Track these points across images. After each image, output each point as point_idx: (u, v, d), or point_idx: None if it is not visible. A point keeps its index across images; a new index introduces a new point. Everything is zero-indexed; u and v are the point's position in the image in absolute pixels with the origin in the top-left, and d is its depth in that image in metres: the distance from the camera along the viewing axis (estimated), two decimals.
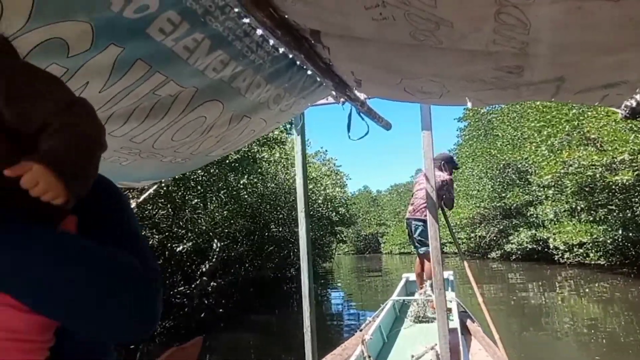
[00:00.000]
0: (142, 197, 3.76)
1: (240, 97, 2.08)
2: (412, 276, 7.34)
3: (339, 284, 20.98)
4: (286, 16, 1.73)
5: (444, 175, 6.38)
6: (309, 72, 2.36)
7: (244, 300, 12.99)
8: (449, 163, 6.64)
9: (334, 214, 23.07)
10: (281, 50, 2.01)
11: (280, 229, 16.85)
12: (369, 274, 25.76)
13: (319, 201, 21.05)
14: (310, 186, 17.79)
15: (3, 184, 0.63)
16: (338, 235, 26.67)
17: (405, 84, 2.37)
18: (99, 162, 0.76)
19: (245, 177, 12.67)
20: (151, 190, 3.61)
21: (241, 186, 13.01)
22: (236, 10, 1.61)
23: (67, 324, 0.72)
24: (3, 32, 1.09)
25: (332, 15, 1.66)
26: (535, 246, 22.32)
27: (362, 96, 3.18)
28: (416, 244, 6.63)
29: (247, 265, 14.63)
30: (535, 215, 21.63)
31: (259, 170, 13.95)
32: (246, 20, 1.69)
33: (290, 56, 2.10)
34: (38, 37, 1.31)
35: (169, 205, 11.05)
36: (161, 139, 2.07)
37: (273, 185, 15.68)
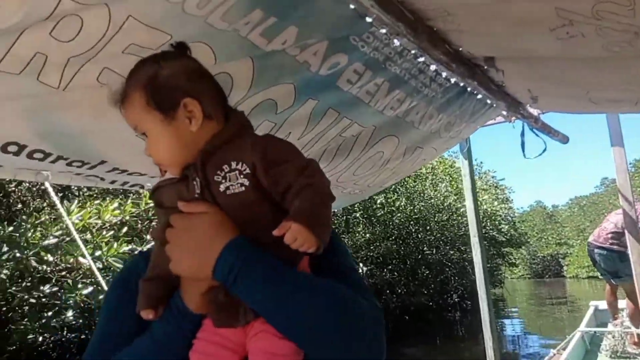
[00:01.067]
0: None
1: (414, 129, 2.18)
2: (602, 304, 6.37)
3: (514, 312, 18.44)
4: (460, 49, 1.78)
5: None
6: (479, 97, 2.36)
7: (399, 329, 11.22)
8: None
9: (497, 233, 19.48)
10: (453, 80, 2.06)
11: (434, 251, 14.93)
12: (549, 300, 22.10)
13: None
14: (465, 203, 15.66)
15: (266, 238, 0.79)
16: (506, 258, 22.42)
17: (591, 95, 2.19)
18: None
19: (382, 196, 11.40)
20: None
21: (378, 205, 11.76)
22: (413, 52, 1.72)
23: (310, 353, 0.80)
24: (235, 105, 1.36)
25: (509, 41, 1.66)
26: None
27: (535, 112, 3.01)
28: (603, 273, 5.74)
29: (399, 291, 13.13)
30: None
31: (404, 188, 12.74)
32: (421, 59, 1.79)
33: (462, 84, 2.14)
34: (255, 101, 1.60)
35: None
36: (345, 175, 2.27)
37: (422, 204, 13.92)
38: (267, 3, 1.25)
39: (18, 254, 4.19)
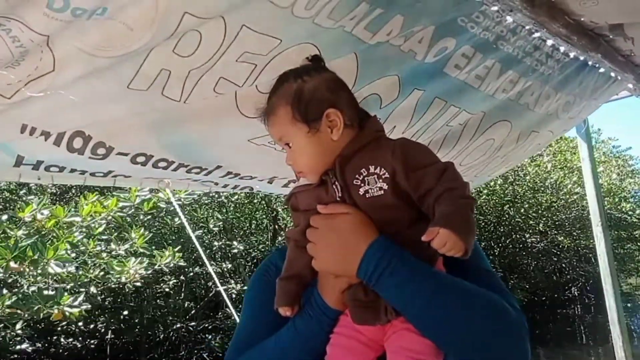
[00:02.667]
0: None
1: (529, 112, 2.00)
2: None
3: None
4: (582, 19, 1.59)
5: None
6: (602, 70, 2.10)
7: None
8: None
9: (622, 213, 14.55)
10: (572, 54, 1.85)
11: (538, 238, 12.60)
12: None
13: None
14: (575, 179, 11.40)
15: (404, 239, 0.81)
16: None
17: None
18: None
19: None
20: None
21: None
22: (527, 27, 1.57)
23: (451, 354, 0.81)
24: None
25: None
26: None
27: None
28: None
29: None
30: None
31: None
32: (537, 35, 1.63)
33: (582, 58, 1.92)
34: (359, 97, 1.55)
35: None
36: None
37: (518, 183, 11.45)
38: None
39: None
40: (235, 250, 7.73)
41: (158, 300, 7.66)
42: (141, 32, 1.01)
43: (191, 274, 7.41)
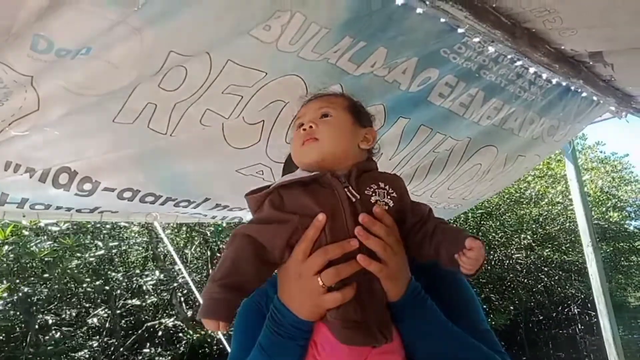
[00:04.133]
0: None
1: (514, 136, 2.03)
2: None
3: None
4: (562, 47, 1.63)
5: None
6: (584, 95, 2.14)
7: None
8: None
9: (623, 221, 12.89)
10: (554, 80, 1.89)
11: (525, 254, 11.07)
12: None
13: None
14: (559, 188, 10.36)
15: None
16: None
17: None
18: None
19: None
20: None
21: None
22: (509, 57, 1.61)
23: None
24: None
25: (622, 30, 1.49)
26: None
27: None
28: None
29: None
30: None
31: None
32: (519, 63, 1.67)
33: (564, 84, 1.96)
34: None
35: None
36: (439, 190, 2.17)
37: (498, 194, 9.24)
38: (356, 29, 1.24)
39: None
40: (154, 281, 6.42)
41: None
42: (126, 70, 1.02)
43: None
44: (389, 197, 0.87)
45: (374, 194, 0.86)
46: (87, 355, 5.82)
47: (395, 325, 0.83)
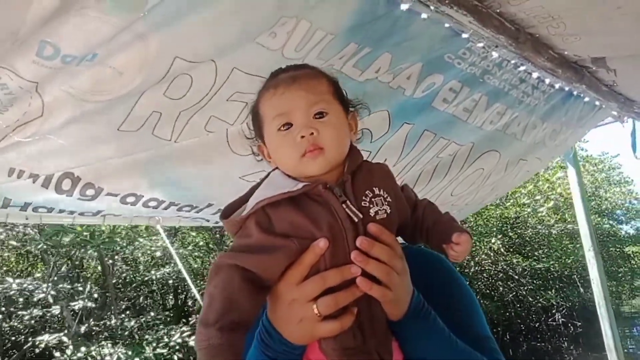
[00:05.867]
0: None
1: (517, 141, 2.03)
2: None
3: None
4: (565, 53, 1.64)
5: None
6: (587, 99, 2.15)
7: None
8: None
9: (619, 225, 12.27)
10: (557, 85, 1.89)
11: (492, 258, 9.97)
12: None
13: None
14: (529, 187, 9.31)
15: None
16: (635, 260, 13.15)
17: None
18: None
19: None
20: None
21: None
22: (513, 62, 1.61)
23: None
24: None
25: (624, 36, 1.49)
26: None
27: None
28: None
29: None
30: None
31: None
32: (522, 68, 1.67)
33: (567, 89, 1.96)
34: None
35: None
36: (442, 196, 2.17)
37: None
38: (361, 35, 1.23)
39: None
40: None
41: None
42: (131, 76, 1.01)
43: None
44: (385, 203, 0.77)
45: (371, 205, 0.76)
46: None
47: (396, 341, 0.79)
